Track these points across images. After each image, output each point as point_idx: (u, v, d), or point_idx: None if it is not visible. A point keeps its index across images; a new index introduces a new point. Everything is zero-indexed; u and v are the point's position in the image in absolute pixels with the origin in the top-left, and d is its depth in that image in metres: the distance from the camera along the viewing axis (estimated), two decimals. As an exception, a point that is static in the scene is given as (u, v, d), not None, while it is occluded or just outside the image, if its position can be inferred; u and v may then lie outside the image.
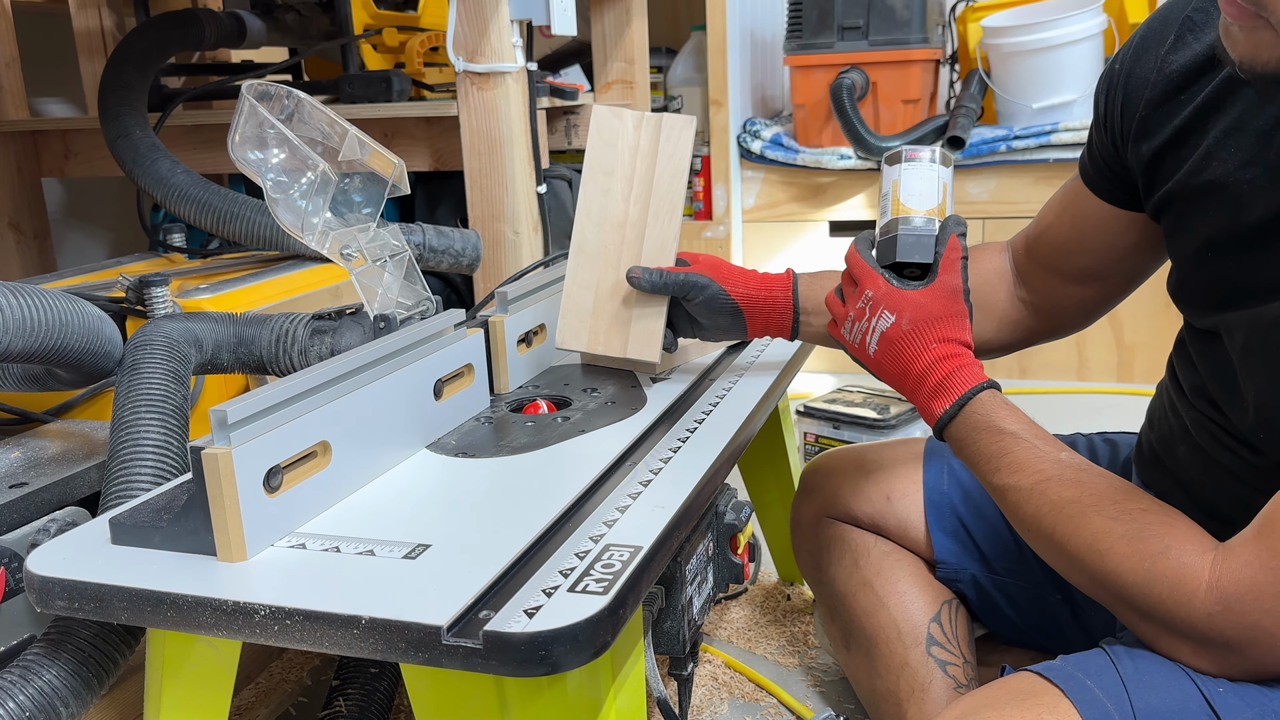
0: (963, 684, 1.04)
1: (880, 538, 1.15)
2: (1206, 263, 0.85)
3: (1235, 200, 0.81)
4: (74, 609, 0.73)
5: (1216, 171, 0.83)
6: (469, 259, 1.54)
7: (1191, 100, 0.86)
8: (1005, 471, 0.85)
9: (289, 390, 0.79)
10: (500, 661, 0.64)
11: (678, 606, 0.89)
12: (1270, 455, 0.82)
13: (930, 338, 0.91)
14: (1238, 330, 0.82)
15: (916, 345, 0.91)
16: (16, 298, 0.95)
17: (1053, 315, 1.09)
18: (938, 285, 0.92)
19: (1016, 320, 1.10)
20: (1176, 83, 0.87)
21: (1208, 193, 0.84)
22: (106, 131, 1.66)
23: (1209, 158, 0.83)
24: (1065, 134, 2.34)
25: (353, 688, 1.11)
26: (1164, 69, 0.88)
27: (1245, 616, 0.70)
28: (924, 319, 0.91)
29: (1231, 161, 0.81)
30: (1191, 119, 0.85)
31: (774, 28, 2.91)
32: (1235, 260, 0.82)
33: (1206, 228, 0.84)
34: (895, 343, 0.92)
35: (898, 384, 0.93)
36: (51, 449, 1.13)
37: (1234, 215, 0.81)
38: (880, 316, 0.92)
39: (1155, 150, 0.89)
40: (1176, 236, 0.89)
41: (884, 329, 0.92)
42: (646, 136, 1.14)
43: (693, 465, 0.90)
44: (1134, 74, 0.90)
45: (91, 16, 2.37)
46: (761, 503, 1.50)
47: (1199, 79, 0.85)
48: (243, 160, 0.95)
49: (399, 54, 2.32)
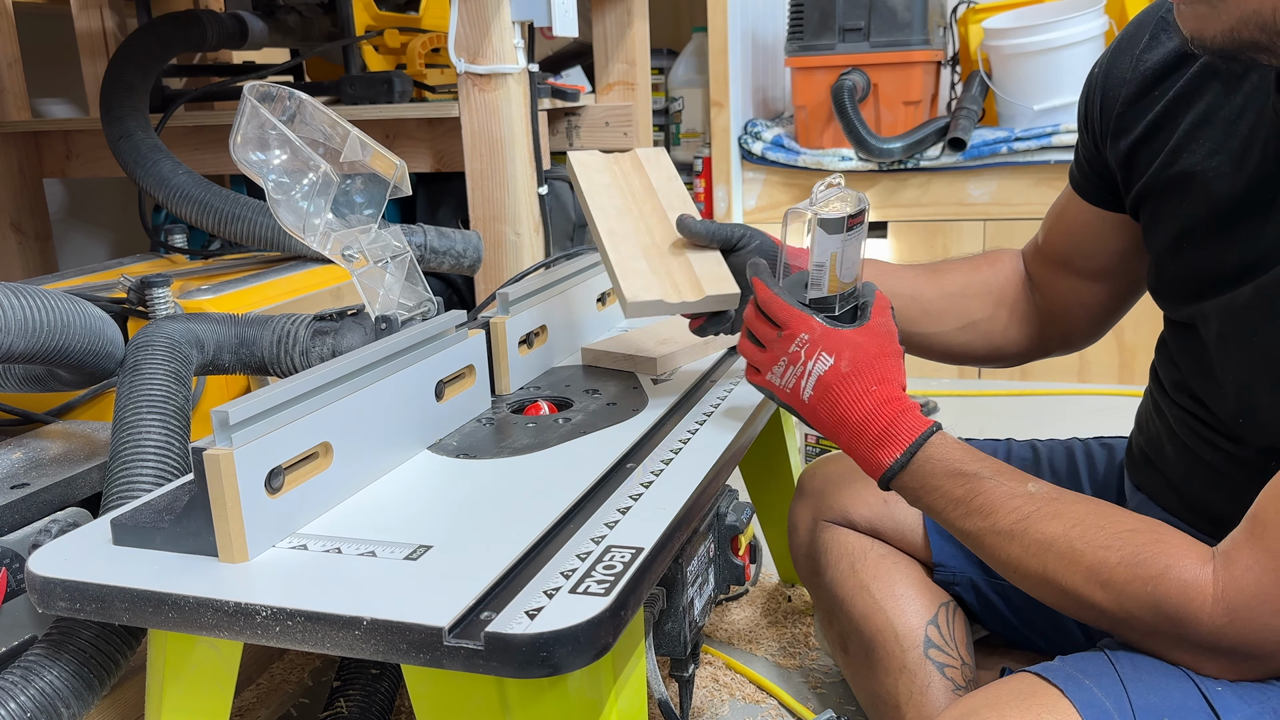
0: (961, 686, 1.04)
1: (878, 541, 1.15)
2: (1181, 254, 0.86)
3: (1205, 189, 0.82)
4: (75, 610, 0.73)
5: (1187, 163, 0.84)
6: (470, 260, 1.54)
7: (1164, 95, 0.87)
8: (978, 516, 0.82)
9: (290, 391, 0.80)
10: (502, 663, 0.64)
11: (679, 608, 0.89)
12: (1251, 443, 0.83)
13: (870, 379, 0.87)
14: (1213, 317, 0.83)
15: (856, 389, 0.86)
16: (18, 298, 0.95)
17: (1064, 319, 1.08)
18: (874, 325, 0.89)
19: (1033, 325, 1.10)
20: (1150, 79, 0.88)
21: (1180, 184, 0.85)
22: (108, 132, 1.66)
23: (1179, 150, 0.85)
24: (1066, 136, 2.34)
25: (354, 688, 1.11)
26: (1139, 67, 0.90)
27: (1254, 622, 0.70)
28: (864, 360, 0.87)
29: (1200, 151, 0.83)
30: (1163, 113, 0.87)
31: (775, 29, 2.91)
32: (1207, 249, 0.83)
33: (1180, 219, 0.86)
34: (833, 387, 0.87)
35: (833, 432, 0.88)
36: (53, 450, 1.13)
37: (1204, 204, 0.83)
38: (818, 359, 0.88)
39: (1130, 146, 0.90)
40: (1153, 230, 0.90)
41: (821, 373, 0.88)
42: (627, 163, 1.17)
43: (694, 467, 0.90)
44: (1111, 74, 0.92)
45: (93, 17, 2.37)
46: (762, 504, 1.50)
47: (1171, 74, 0.87)
48: (244, 161, 0.95)
49: (400, 55, 2.32)
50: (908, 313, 1.09)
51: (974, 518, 0.82)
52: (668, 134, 3.08)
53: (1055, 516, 0.79)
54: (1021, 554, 0.80)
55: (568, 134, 2.27)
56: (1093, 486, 1.11)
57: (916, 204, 2.52)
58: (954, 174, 2.47)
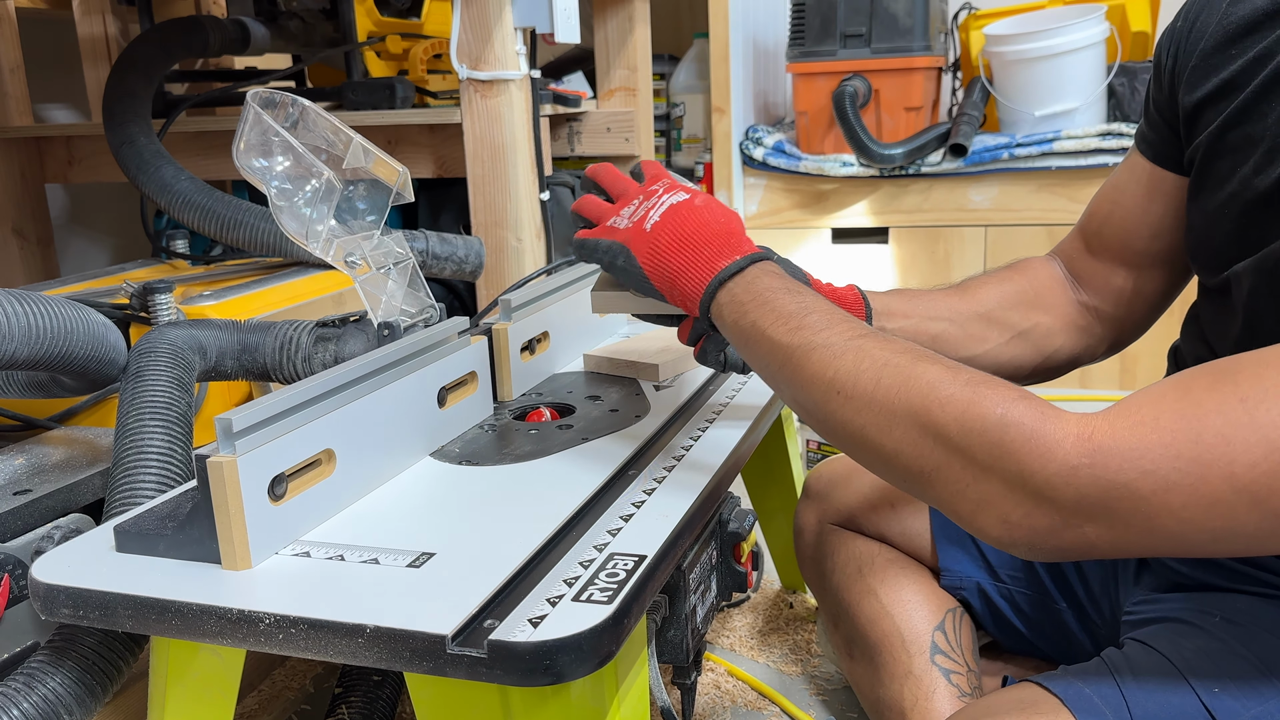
0: (967, 693, 1.04)
1: (884, 545, 1.15)
2: (1224, 217, 0.84)
3: (1264, 155, 0.79)
4: (78, 617, 0.73)
5: (1252, 125, 0.81)
6: (472, 266, 1.54)
7: (1242, 54, 0.84)
8: (809, 330, 0.74)
9: (293, 398, 0.80)
10: (505, 671, 0.64)
11: (682, 615, 0.89)
12: None
13: (719, 214, 0.85)
14: (1245, 276, 0.80)
15: (705, 215, 0.84)
16: (21, 305, 0.95)
17: (1117, 313, 1.04)
18: None
19: (1082, 326, 1.05)
20: (1232, 34, 0.85)
21: (1240, 147, 0.82)
22: (110, 138, 1.66)
23: (1247, 111, 0.82)
24: (1067, 142, 2.34)
25: (356, 695, 1.11)
26: (1225, 20, 0.86)
27: (1119, 474, 0.61)
28: (716, 205, 0.87)
29: (1270, 115, 0.79)
30: (1238, 73, 0.84)
31: (776, 35, 2.91)
32: (1250, 216, 0.81)
33: (1231, 182, 0.83)
34: (681, 211, 0.85)
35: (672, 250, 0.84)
36: (55, 456, 1.13)
37: (1258, 170, 0.80)
38: (674, 193, 0.88)
39: (1199, 101, 0.87)
40: (1201, 189, 0.87)
41: (674, 201, 0.86)
42: None
43: (697, 474, 0.90)
44: (1197, 24, 0.89)
45: (96, 23, 2.37)
46: (764, 510, 1.50)
47: (1254, 33, 0.83)
48: (247, 167, 0.95)
49: (402, 61, 2.32)
50: (949, 337, 1.02)
51: (805, 331, 0.74)
52: (669, 140, 3.09)
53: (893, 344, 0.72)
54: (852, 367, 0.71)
55: (569, 139, 2.28)
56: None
57: (918, 210, 2.52)
58: (955, 180, 2.47)
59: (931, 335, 1.00)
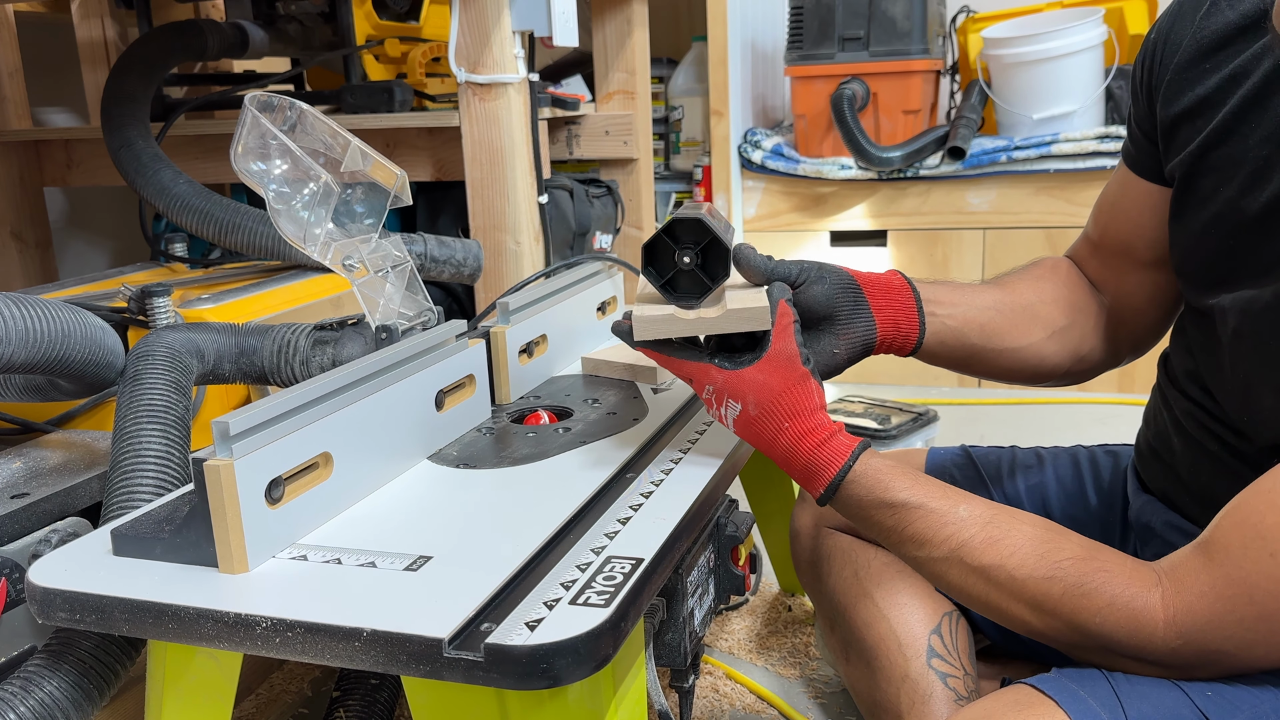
0: (963, 696, 1.04)
1: (880, 549, 1.15)
2: (1210, 238, 0.84)
3: (1248, 177, 0.80)
4: (75, 620, 0.73)
5: (1233, 146, 0.82)
6: (470, 269, 1.54)
7: (1217, 70, 0.84)
8: (912, 545, 0.83)
9: (291, 402, 0.80)
10: (501, 674, 0.64)
11: (679, 618, 0.89)
12: (1256, 440, 0.83)
13: (780, 417, 0.85)
14: (1231, 313, 0.82)
15: (770, 430, 0.86)
16: (19, 308, 0.95)
17: (1134, 318, 1.04)
18: (772, 354, 0.86)
19: (1106, 328, 1.05)
20: (1206, 48, 0.85)
21: (1221, 166, 0.83)
22: (109, 141, 1.66)
23: (1227, 132, 0.82)
24: (1066, 144, 2.35)
25: (353, 699, 1.11)
26: (1198, 34, 0.86)
27: (1207, 645, 0.73)
28: (769, 399, 0.85)
29: (1252, 138, 0.80)
30: (1214, 90, 0.84)
31: (775, 38, 2.91)
32: (1237, 239, 0.82)
33: (1215, 203, 0.83)
34: (750, 427, 0.87)
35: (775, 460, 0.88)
36: (53, 459, 1.13)
37: (1244, 192, 0.81)
38: (726, 406, 0.87)
39: (1174, 117, 0.88)
40: (1185, 208, 0.88)
41: (734, 417, 0.87)
42: None
43: (694, 476, 0.90)
44: (1170, 38, 0.89)
45: (94, 27, 2.37)
46: (762, 513, 1.49)
47: (1227, 47, 0.84)
48: (245, 171, 0.95)
49: (401, 64, 2.33)
50: (996, 326, 1.02)
51: (909, 546, 0.83)
52: (667, 143, 3.09)
53: (990, 544, 0.79)
54: (961, 580, 0.81)
55: (568, 143, 2.28)
56: (1098, 494, 1.11)
57: (916, 213, 2.53)
58: (953, 183, 2.48)
59: (980, 324, 1.01)
